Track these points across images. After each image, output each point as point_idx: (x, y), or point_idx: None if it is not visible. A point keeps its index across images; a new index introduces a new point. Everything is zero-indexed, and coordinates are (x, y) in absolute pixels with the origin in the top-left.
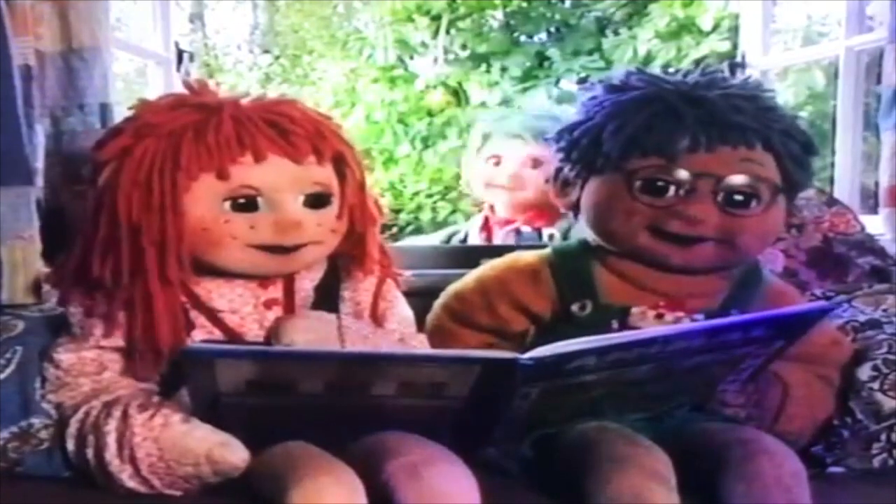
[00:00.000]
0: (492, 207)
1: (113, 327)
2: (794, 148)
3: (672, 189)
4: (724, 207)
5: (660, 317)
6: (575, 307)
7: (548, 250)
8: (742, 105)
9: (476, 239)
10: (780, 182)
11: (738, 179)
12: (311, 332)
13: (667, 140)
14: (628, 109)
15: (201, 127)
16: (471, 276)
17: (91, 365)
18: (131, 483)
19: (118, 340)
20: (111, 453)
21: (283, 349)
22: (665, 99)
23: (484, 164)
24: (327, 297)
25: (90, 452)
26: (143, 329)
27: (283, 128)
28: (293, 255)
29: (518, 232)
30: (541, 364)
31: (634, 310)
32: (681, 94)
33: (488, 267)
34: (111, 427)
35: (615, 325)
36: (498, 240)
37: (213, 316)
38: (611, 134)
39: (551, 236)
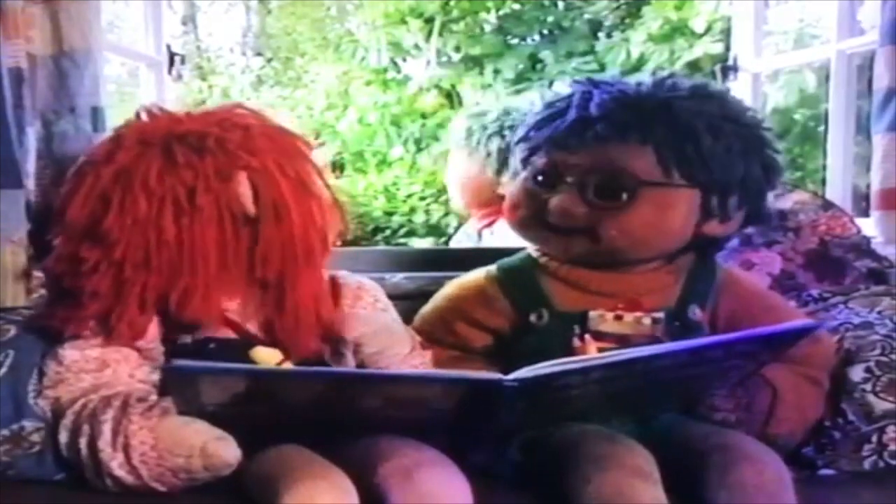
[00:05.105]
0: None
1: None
2: (673, 138)
3: (560, 183)
4: (592, 199)
5: (619, 318)
6: (533, 317)
7: (493, 268)
8: (631, 102)
9: None
10: (656, 176)
11: (597, 172)
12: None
13: (549, 136)
14: (540, 110)
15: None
16: (430, 304)
17: (94, 363)
18: (119, 472)
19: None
20: (105, 441)
21: (266, 368)
22: (565, 99)
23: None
24: None
25: (83, 441)
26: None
27: None
28: None
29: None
30: (524, 385)
31: (592, 314)
32: (583, 94)
33: (441, 294)
34: (108, 416)
35: (577, 329)
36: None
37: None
38: (518, 133)
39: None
